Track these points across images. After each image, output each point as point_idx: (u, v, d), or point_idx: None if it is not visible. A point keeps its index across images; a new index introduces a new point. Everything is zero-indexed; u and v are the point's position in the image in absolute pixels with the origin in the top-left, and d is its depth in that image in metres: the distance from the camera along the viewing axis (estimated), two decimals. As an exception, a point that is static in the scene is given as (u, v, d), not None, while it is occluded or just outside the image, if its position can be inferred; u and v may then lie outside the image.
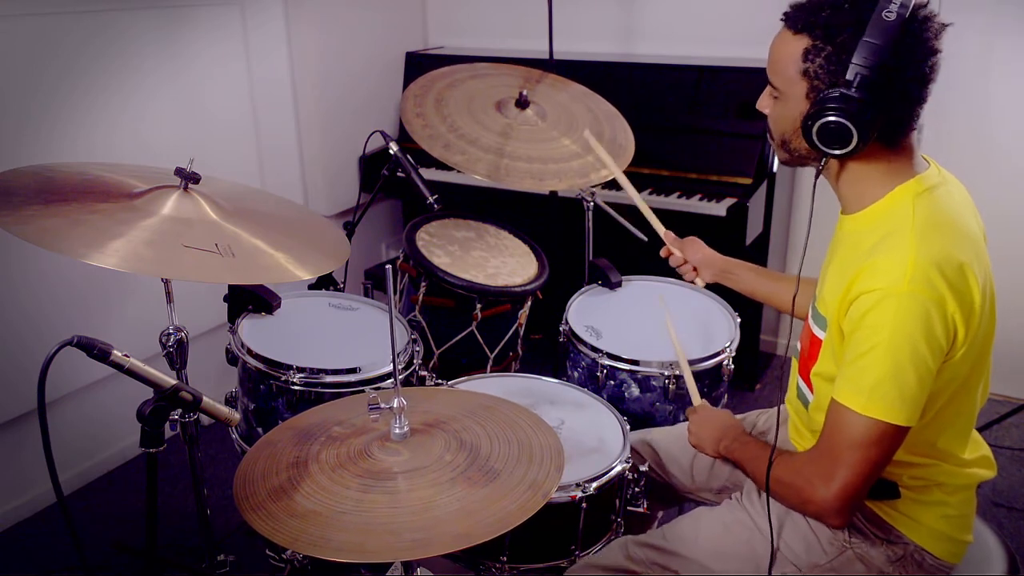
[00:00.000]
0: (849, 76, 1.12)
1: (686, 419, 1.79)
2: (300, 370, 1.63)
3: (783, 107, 1.24)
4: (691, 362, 1.75)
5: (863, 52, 1.10)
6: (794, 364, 1.44)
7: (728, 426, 1.49)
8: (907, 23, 1.10)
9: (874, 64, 1.10)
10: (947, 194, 1.22)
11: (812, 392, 1.33)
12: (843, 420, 1.17)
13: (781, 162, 1.35)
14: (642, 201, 1.88)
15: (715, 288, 1.99)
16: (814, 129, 1.16)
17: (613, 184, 1.99)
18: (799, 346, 1.41)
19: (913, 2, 1.10)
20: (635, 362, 1.75)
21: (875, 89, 1.12)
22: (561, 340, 1.89)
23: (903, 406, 1.13)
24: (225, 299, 1.88)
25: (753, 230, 2.73)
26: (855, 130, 1.13)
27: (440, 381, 1.79)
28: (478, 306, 1.99)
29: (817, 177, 1.25)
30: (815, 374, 1.30)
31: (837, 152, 1.16)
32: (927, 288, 1.10)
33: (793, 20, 1.19)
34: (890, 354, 1.11)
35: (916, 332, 1.10)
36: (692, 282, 1.82)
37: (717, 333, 1.86)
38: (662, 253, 1.85)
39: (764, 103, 1.30)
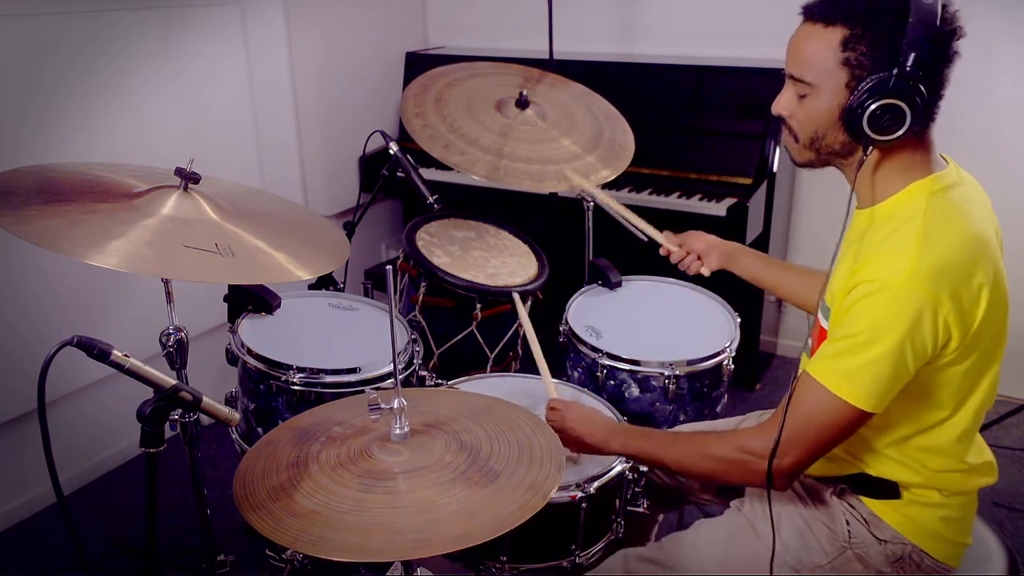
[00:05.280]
0: (902, 57, 1.11)
1: (676, 418, 1.76)
2: (300, 370, 1.63)
3: (815, 102, 1.21)
4: (690, 362, 1.75)
5: (914, 32, 1.10)
6: (804, 360, 1.43)
7: (612, 425, 1.49)
8: (942, 6, 1.11)
9: (925, 44, 1.11)
10: (963, 195, 1.21)
11: None
12: (813, 394, 1.18)
13: (801, 164, 1.31)
14: (632, 214, 1.88)
15: (715, 288, 2.00)
16: (865, 116, 1.15)
17: (613, 184, 1.99)
18: (810, 343, 1.41)
19: None
20: (635, 362, 1.75)
21: (924, 69, 1.12)
22: (561, 340, 1.89)
23: (873, 394, 1.15)
24: (225, 299, 1.88)
25: (753, 230, 2.73)
26: (909, 111, 1.13)
27: (440, 381, 1.79)
28: (478, 306, 1.99)
29: (859, 168, 1.22)
30: None
31: (889, 137, 1.15)
32: (924, 287, 1.10)
33: (821, 14, 1.18)
34: (873, 343, 1.13)
35: (903, 328, 1.11)
36: (698, 273, 1.79)
37: (717, 333, 1.86)
38: (661, 252, 1.84)
39: (785, 104, 1.27)
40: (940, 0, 1.11)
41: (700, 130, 2.86)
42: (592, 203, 2.17)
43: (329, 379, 1.65)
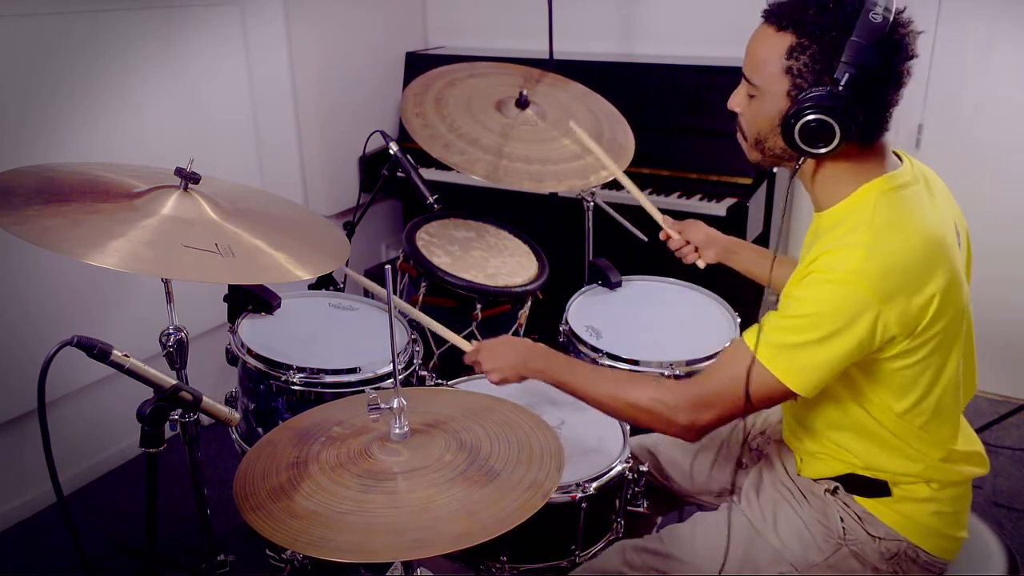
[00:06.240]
0: (837, 75, 1.12)
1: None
2: (300, 370, 1.63)
3: (760, 105, 1.24)
4: (690, 362, 1.74)
5: (851, 51, 1.11)
6: None
7: (529, 346, 1.50)
8: (892, 27, 1.11)
9: (861, 64, 1.11)
10: (915, 194, 1.22)
11: None
12: (744, 362, 1.19)
13: (752, 162, 1.35)
14: (636, 188, 1.88)
15: (716, 287, 2.00)
16: (796, 127, 1.16)
17: (613, 184, 1.99)
18: None
19: (895, 8, 1.12)
20: (635, 362, 1.74)
21: (860, 88, 1.13)
22: (561, 340, 1.88)
23: (801, 375, 1.17)
24: (225, 299, 1.88)
25: (753, 230, 2.73)
26: (839, 129, 1.14)
27: (440, 381, 1.79)
28: (478, 306, 1.99)
29: (793, 176, 1.25)
30: None
31: (817, 151, 1.17)
32: (867, 288, 1.12)
33: (776, 17, 1.19)
34: (811, 329, 1.15)
35: (840, 322, 1.13)
36: (695, 264, 1.80)
37: (717, 333, 1.86)
38: (661, 236, 1.84)
39: (738, 101, 1.30)
40: (892, 19, 1.11)
41: (700, 130, 2.86)
42: (592, 203, 2.17)
43: (329, 379, 1.65)
